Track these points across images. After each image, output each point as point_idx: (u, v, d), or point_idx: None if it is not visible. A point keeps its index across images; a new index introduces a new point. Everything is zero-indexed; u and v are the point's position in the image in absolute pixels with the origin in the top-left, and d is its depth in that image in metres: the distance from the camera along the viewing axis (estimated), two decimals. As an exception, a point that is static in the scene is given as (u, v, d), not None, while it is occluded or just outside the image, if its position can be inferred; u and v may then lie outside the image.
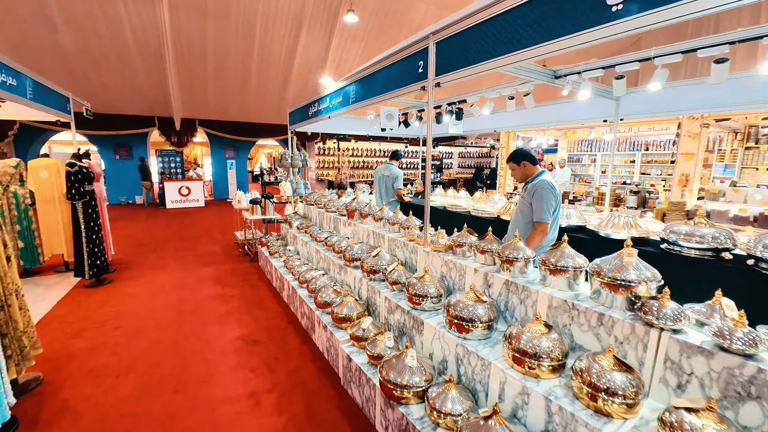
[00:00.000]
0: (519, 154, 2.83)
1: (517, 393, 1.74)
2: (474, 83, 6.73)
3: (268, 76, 10.46)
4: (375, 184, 5.63)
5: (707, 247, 2.46)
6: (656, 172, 8.60)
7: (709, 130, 6.37)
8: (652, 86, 2.91)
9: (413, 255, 3.02)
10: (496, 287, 2.26)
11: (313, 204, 5.35)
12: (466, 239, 2.65)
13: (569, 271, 1.99)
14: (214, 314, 3.80)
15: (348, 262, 3.42)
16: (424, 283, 2.48)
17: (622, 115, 4.32)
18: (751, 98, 3.42)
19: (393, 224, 3.46)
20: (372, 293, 2.98)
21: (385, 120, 4.96)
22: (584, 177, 10.26)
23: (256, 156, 21.53)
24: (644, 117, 4.42)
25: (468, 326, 2.06)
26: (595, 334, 1.78)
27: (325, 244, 4.10)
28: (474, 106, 4.59)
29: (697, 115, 5.82)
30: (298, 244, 4.93)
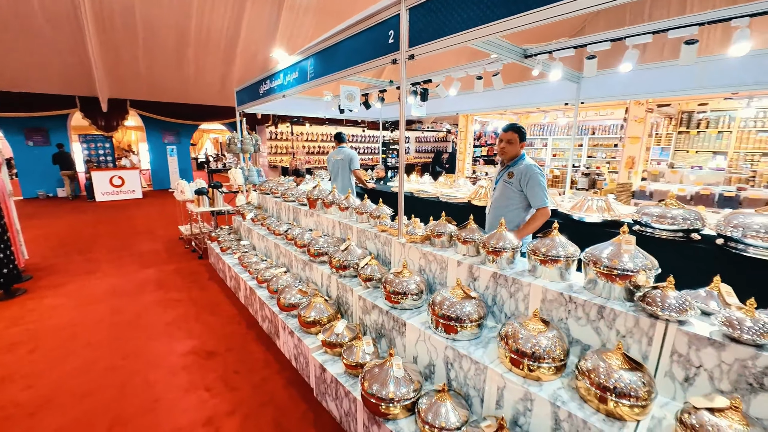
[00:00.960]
0: (524, 131, 2.62)
1: (518, 399, 1.58)
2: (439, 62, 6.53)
3: (208, 52, 9.41)
4: (329, 172, 5.26)
5: (678, 228, 2.49)
6: (601, 155, 9.11)
7: (651, 115, 6.76)
8: (623, 67, 2.87)
9: (386, 247, 2.77)
10: (483, 280, 2.09)
11: (269, 193, 4.87)
12: (444, 228, 2.44)
13: (561, 261, 1.86)
14: (158, 325, 3.29)
15: (313, 257, 3.09)
16: (403, 278, 2.25)
17: (583, 99, 4.35)
18: (701, 83, 3.55)
19: (361, 213, 3.17)
20: (343, 291, 2.70)
21: (345, 100, 4.57)
22: (537, 160, 10.65)
23: (200, 141, 19.80)
24: (603, 101, 4.50)
25: (457, 326, 1.87)
26: (594, 328, 1.67)
27: (285, 237, 3.71)
28: (440, 86, 4.36)
29: (643, 100, 6.14)
30: (254, 238, 4.47)
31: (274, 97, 4.42)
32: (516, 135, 2.64)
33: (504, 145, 2.64)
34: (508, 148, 2.64)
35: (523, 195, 2.57)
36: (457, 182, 5.43)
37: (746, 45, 2.32)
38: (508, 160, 2.69)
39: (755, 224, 2.16)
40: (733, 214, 2.34)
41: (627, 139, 6.28)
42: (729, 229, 2.26)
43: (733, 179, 5.69)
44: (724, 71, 3.46)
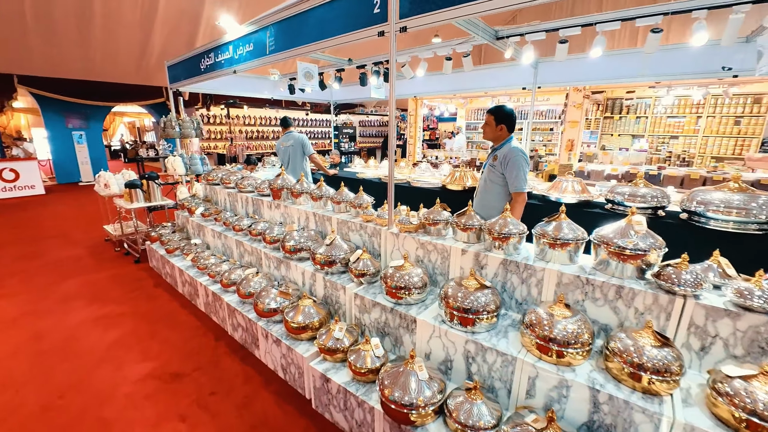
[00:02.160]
0: (505, 113, 2.54)
1: (552, 387, 1.55)
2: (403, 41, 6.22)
3: (120, 21, 7.97)
4: (280, 160, 4.85)
5: (648, 206, 2.69)
6: (539, 138, 9.80)
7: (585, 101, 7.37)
8: (593, 52, 2.97)
9: (375, 239, 2.58)
10: (491, 268, 2.02)
11: (219, 183, 4.32)
12: (440, 216, 2.33)
13: (571, 244, 1.86)
14: (98, 348, 2.72)
15: (290, 254, 2.78)
16: (405, 272, 2.10)
17: (540, 83, 4.51)
18: (644, 71, 3.87)
19: (339, 203, 2.92)
20: (332, 290, 2.46)
21: (302, 79, 4.18)
22: (480, 144, 11.10)
23: (113, 126, 17.10)
24: (557, 86, 4.72)
25: (474, 318, 1.78)
26: (612, 308, 1.69)
27: (250, 233, 3.30)
28: (406, 67, 4.18)
29: (581, 87, 6.64)
30: (207, 235, 3.94)
31: (221, 74, 3.86)
32: (492, 117, 2.60)
33: (483, 127, 2.60)
34: (486, 130, 2.61)
35: (505, 180, 2.55)
36: (420, 167, 5.38)
37: (704, 35, 2.51)
38: (493, 142, 2.65)
39: (716, 200, 2.38)
40: (695, 191, 2.56)
41: (567, 123, 6.79)
42: (694, 204, 2.47)
43: (654, 159, 6.47)
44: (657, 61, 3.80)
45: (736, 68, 3.38)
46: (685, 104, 7.24)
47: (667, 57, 3.71)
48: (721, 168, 5.57)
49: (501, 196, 2.56)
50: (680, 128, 7.43)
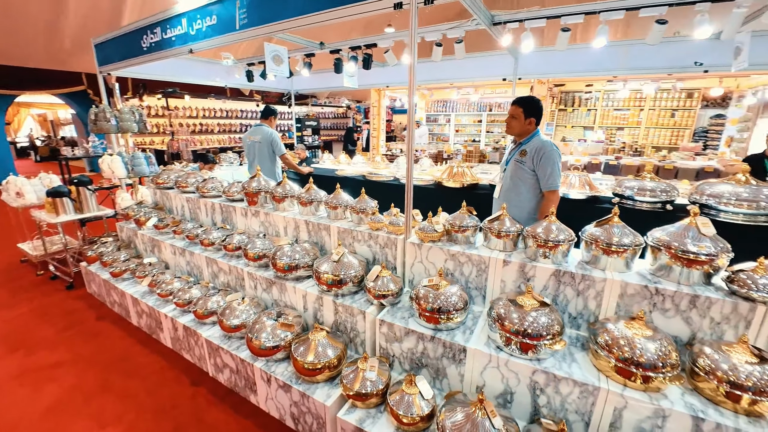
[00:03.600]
0: (535, 104, 2.34)
1: (644, 417, 1.36)
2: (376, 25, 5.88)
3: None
4: (246, 155, 4.27)
5: (658, 200, 2.67)
6: (498, 130, 10.02)
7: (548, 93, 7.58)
8: (597, 42, 2.87)
9: (388, 250, 2.24)
10: (540, 280, 1.80)
11: (173, 187, 3.63)
12: (468, 221, 2.06)
13: (628, 250, 1.70)
14: (29, 417, 2.04)
15: (283, 273, 2.32)
16: (440, 291, 1.80)
17: (520, 74, 4.43)
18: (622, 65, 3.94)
19: (335, 207, 2.52)
20: (347, 316, 2.08)
21: (271, 63, 3.63)
22: (440, 136, 11.10)
23: (17, 119, 14.23)
24: (537, 77, 4.68)
25: (536, 344, 1.54)
26: (684, 319, 1.55)
27: (224, 248, 2.75)
28: (389, 52, 3.81)
29: (545, 79, 6.79)
30: (165, 252, 3.26)
31: (171, 54, 3.16)
32: (520, 109, 2.40)
33: (509, 120, 2.38)
34: (513, 124, 2.39)
35: (535, 177, 2.37)
36: (397, 161, 5.07)
37: (708, 28, 2.51)
38: (518, 137, 2.44)
39: (726, 193, 2.39)
40: (703, 184, 2.58)
41: (532, 116, 6.91)
42: (705, 198, 2.48)
43: (609, 149, 6.85)
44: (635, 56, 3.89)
45: (707, 64, 3.54)
46: (630, 98, 7.81)
47: (645, 51, 3.79)
48: (669, 158, 6.05)
49: (530, 195, 2.37)
50: (625, 120, 8.01)
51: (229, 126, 10.04)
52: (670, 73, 3.99)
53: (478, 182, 3.38)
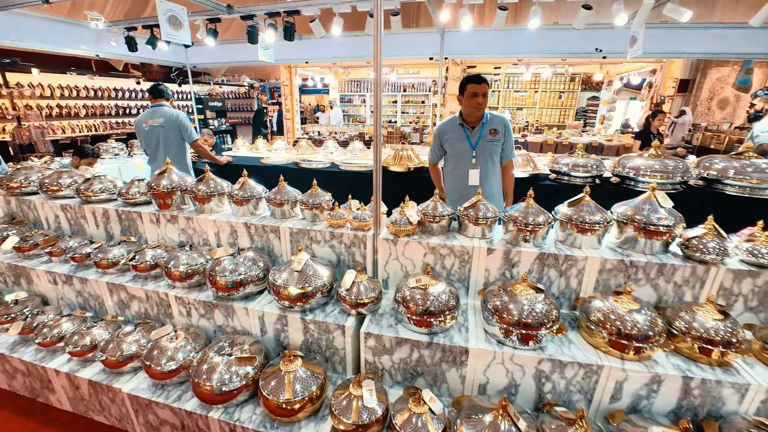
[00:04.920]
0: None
1: (642, 385, 1.43)
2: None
3: None
4: (144, 145, 3.44)
5: (590, 175, 2.93)
6: (412, 111, 10.18)
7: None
8: (532, 23, 2.95)
9: (356, 249, 1.99)
10: (524, 265, 1.77)
11: (38, 192, 2.70)
12: (443, 210, 1.93)
13: (599, 228, 1.76)
14: None
15: (227, 293, 1.87)
16: (429, 290, 1.64)
17: (446, 54, 4.42)
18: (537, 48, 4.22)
19: (280, 204, 2.14)
20: (321, 334, 1.77)
21: (167, 25, 2.90)
22: (356, 117, 10.82)
23: None
24: (465, 58, 4.73)
25: (538, 333, 1.50)
26: (653, 286, 1.68)
27: (134, 268, 2.12)
28: (316, 22, 3.34)
29: (458, 60, 7.00)
30: (40, 282, 2.41)
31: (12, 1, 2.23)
32: (487, 87, 2.35)
33: (481, 100, 2.28)
34: (484, 103, 2.32)
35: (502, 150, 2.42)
36: (326, 145, 4.68)
37: (624, 17, 2.75)
38: (481, 117, 2.38)
39: (642, 165, 2.74)
40: (622, 158, 2.90)
41: (449, 96, 7.14)
42: (626, 170, 2.79)
43: (515, 128, 7.52)
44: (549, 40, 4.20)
45: (605, 50, 3.99)
46: (527, 81, 8.65)
47: (556, 36, 4.09)
48: (564, 135, 6.90)
49: (499, 170, 2.41)
50: (524, 101, 8.88)
51: (101, 108, 8.10)
52: (577, 57, 4.41)
53: (424, 165, 3.28)
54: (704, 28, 3.86)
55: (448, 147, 2.53)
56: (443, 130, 2.54)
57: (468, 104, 2.35)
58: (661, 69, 5.92)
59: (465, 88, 2.34)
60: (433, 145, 2.65)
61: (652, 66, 5.96)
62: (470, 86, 2.30)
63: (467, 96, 2.34)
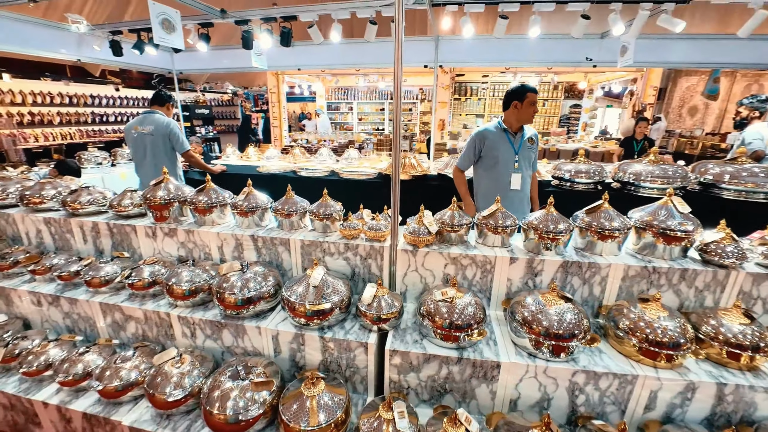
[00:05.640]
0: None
1: (676, 394, 1.41)
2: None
3: None
4: (132, 152, 3.28)
5: (592, 180, 2.97)
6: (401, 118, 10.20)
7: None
8: (532, 32, 2.99)
9: (371, 262, 1.92)
10: (548, 274, 1.75)
11: (19, 205, 2.50)
12: (462, 219, 1.89)
13: (620, 234, 1.76)
14: None
15: (236, 310, 1.76)
16: (456, 303, 1.59)
17: (440, 62, 4.44)
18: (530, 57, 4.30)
19: (288, 215, 2.05)
20: (341, 353, 1.68)
21: (160, 29, 2.77)
22: (344, 125, 10.77)
23: None
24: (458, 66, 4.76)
25: (570, 345, 1.47)
26: (675, 291, 1.68)
27: (130, 286, 1.97)
28: (314, 28, 3.28)
29: (447, 68, 7.08)
30: (20, 304, 2.21)
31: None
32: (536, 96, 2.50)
33: (534, 109, 2.43)
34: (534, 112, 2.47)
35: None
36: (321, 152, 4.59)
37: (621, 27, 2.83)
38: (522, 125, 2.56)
39: (643, 171, 2.79)
40: (622, 164, 2.95)
41: (438, 104, 7.19)
42: (627, 176, 2.84)
43: (504, 135, 7.63)
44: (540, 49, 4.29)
45: (595, 59, 4.11)
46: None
47: (547, 44, 4.18)
48: (551, 141, 7.05)
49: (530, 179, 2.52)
50: (509, 109, 9.06)
51: (76, 116, 7.72)
52: (567, 66, 4.52)
53: (426, 173, 3.24)
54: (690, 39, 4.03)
55: (488, 152, 2.56)
56: (485, 135, 2.58)
57: (526, 111, 2.43)
58: (641, 78, 6.16)
59: (525, 96, 2.40)
60: (467, 152, 2.66)
61: (633, 75, 6.20)
62: (530, 95, 2.38)
63: (526, 104, 2.41)
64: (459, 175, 2.73)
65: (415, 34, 4.04)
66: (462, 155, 2.74)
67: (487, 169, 2.63)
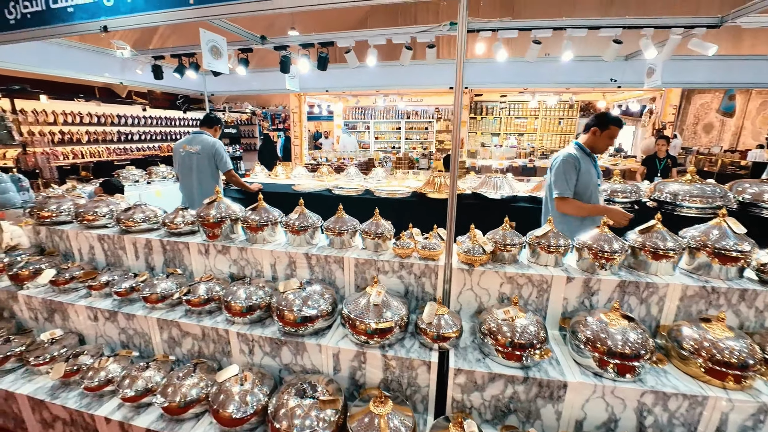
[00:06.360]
0: None
1: (748, 416, 1.40)
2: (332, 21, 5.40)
3: None
4: (178, 169, 3.43)
5: (629, 200, 2.99)
6: (416, 137, 10.38)
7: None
8: (565, 56, 3.09)
9: (425, 280, 1.95)
10: (605, 293, 1.76)
11: (72, 221, 2.60)
12: (514, 238, 1.92)
13: (674, 254, 1.77)
14: None
15: (295, 327, 1.78)
16: (517, 322, 1.61)
17: (467, 84, 4.57)
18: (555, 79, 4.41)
19: (340, 234, 2.10)
20: (403, 371, 1.69)
21: (209, 55, 2.93)
22: (361, 143, 10.96)
23: None
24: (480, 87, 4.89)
25: (637, 364, 1.47)
26: (734, 312, 1.68)
27: (187, 303, 2.01)
28: (351, 53, 3.43)
29: (467, 89, 7.24)
30: (76, 319, 2.26)
31: (63, 31, 2.21)
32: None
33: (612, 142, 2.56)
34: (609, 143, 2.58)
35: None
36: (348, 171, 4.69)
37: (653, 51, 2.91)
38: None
39: (681, 191, 2.81)
40: (658, 184, 2.98)
41: (457, 123, 7.32)
42: (664, 195, 2.87)
43: (521, 153, 7.72)
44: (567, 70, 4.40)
45: (620, 81, 4.19)
46: (526, 108, 8.98)
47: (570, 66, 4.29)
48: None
49: None
50: (524, 127, 9.18)
51: (104, 134, 7.99)
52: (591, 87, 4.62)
53: (462, 192, 3.30)
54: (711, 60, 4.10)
55: (582, 177, 2.50)
56: (577, 160, 2.49)
57: (602, 142, 2.52)
58: (660, 96, 6.24)
59: (607, 127, 2.45)
60: (568, 176, 2.48)
61: (652, 94, 6.28)
62: (613, 129, 2.44)
63: (605, 135, 2.48)
64: (571, 202, 2.49)
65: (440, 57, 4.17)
66: (561, 182, 2.48)
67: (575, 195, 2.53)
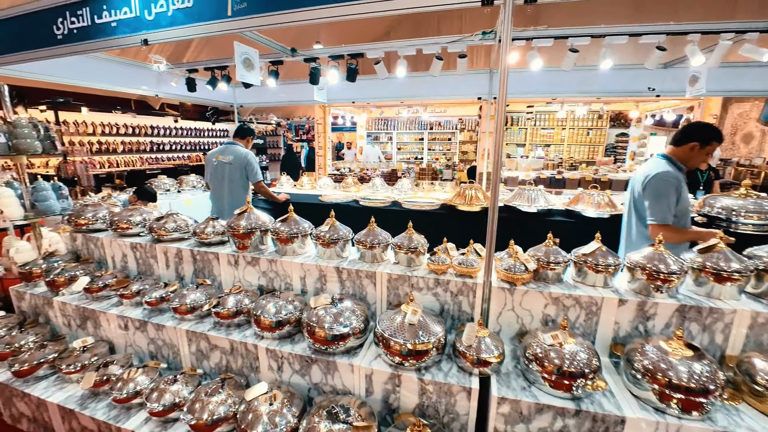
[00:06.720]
0: None
1: None
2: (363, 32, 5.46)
3: None
4: (210, 178, 3.47)
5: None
6: (439, 148, 10.30)
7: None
8: (604, 64, 2.96)
9: (462, 299, 1.84)
10: (661, 318, 1.60)
11: (107, 229, 2.65)
12: (558, 255, 1.79)
13: (741, 277, 1.61)
14: None
15: (326, 345, 1.71)
16: (566, 348, 1.48)
17: (495, 94, 4.47)
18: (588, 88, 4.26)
19: (372, 247, 2.04)
20: (439, 396, 1.58)
21: (242, 68, 2.96)
22: (384, 154, 10.99)
23: None
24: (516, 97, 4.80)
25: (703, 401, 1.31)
26: (817, 345, 1.50)
27: (216, 315, 1.98)
28: (380, 64, 3.42)
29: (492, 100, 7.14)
30: (107, 328, 2.28)
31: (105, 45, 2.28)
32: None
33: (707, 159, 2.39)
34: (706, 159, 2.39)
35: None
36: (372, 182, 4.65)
37: (701, 58, 2.74)
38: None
39: (734, 206, 2.60)
40: (708, 198, 2.77)
41: (482, 134, 7.22)
42: (716, 210, 2.66)
43: (549, 165, 7.49)
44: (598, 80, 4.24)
45: (658, 89, 4.00)
46: (552, 118, 8.76)
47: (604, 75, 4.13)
48: (601, 171, 6.83)
49: None
50: (551, 138, 8.95)
51: (137, 144, 8.33)
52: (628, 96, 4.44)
53: (491, 204, 3.19)
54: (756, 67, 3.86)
55: (683, 200, 2.23)
56: (678, 178, 2.19)
57: (699, 158, 2.27)
58: (699, 106, 5.94)
59: (709, 143, 2.19)
60: (670, 200, 2.17)
61: (689, 103, 5.99)
62: (715, 145, 2.19)
63: (706, 152, 2.23)
64: (674, 230, 2.20)
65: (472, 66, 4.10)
66: (662, 207, 2.18)
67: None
